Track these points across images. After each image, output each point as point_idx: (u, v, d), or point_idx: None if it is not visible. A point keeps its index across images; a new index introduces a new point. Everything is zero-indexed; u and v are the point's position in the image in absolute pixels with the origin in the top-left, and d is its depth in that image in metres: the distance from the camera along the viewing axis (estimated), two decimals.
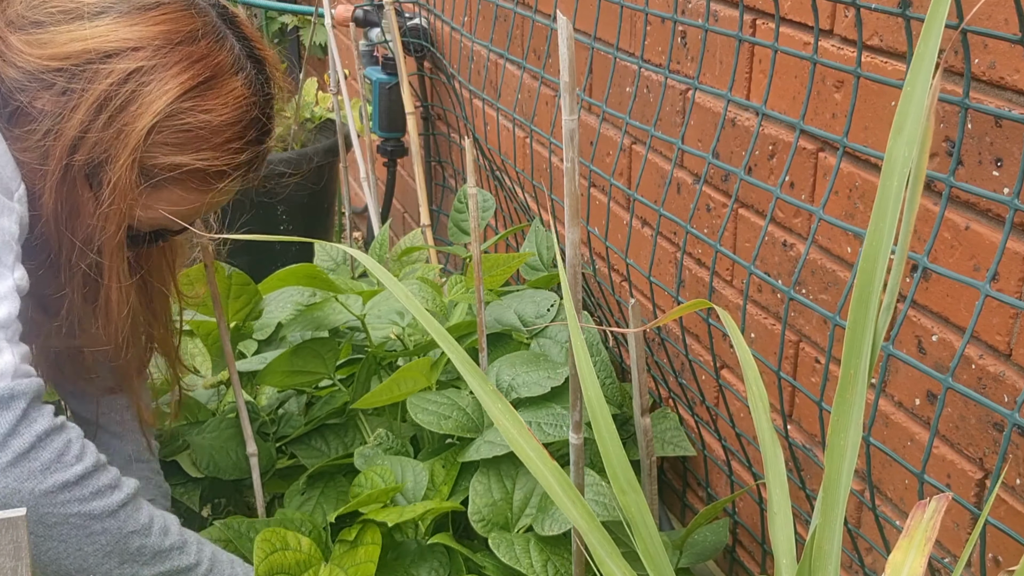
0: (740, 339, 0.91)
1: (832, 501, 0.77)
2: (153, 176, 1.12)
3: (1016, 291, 1.00)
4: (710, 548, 1.46)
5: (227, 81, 1.15)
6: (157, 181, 1.13)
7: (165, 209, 1.16)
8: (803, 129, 1.19)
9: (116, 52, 1.09)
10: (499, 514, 1.33)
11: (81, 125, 1.08)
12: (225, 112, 1.14)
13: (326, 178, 3.00)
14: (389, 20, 2.29)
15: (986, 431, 1.05)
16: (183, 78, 1.11)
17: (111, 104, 1.08)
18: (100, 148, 1.09)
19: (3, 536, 0.69)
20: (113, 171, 1.09)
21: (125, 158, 1.09)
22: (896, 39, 1.09)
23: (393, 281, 0.88)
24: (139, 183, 1.11)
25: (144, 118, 1.09)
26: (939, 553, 1.14)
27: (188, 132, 1.12)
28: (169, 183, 1.14)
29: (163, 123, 1.10)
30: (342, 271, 1.93)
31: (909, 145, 0.70)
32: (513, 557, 1.25)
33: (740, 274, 1.44)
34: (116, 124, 1.08)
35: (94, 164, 1.09)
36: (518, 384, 1.44)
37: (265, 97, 1.19)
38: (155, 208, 1.16)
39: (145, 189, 1.13)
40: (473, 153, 1.34)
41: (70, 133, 1.08)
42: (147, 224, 1.18)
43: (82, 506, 1.05)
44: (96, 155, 1.09)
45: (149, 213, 1.16)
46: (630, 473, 0.88)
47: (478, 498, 1.33)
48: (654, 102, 1.54)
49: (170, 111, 1.10)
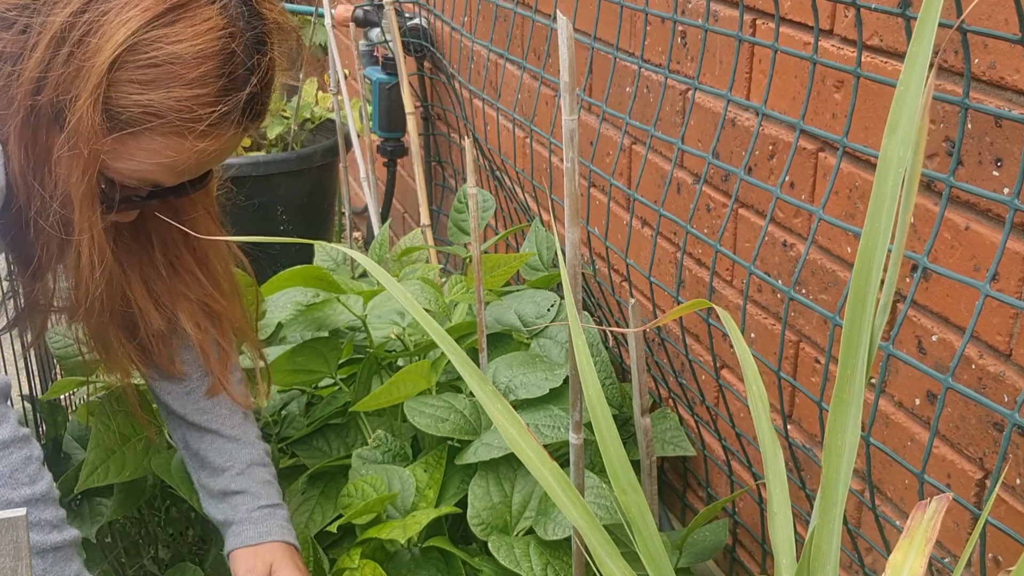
0: (740, 339, 0.91)
1: (830, 501, 0.77)
2: (121, 118, 1.03)
3: (1016, 291, 1.00)
4: (710, 548, 1.46)
5: (200, 10, 1.03)
6: (126, 124, 1.03)
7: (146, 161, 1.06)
8: (803, 129, 1.19)
9: None
10: (498, 517, 1.32)
11: (41, 64, 0.99)
12: (198, 44, 1.02)
13: (326, 178, 3.00)
14: (389, 20, 2.29)
15: (986, 431, 1.05)
16: (146, 4, 1.01)
17: (69, 37, 0.99)
18: (62, 88, 1.00)
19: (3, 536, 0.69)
20: (75, 111, 1.00)
21: (86, 97, 0.99)
22: (896, 39, 1.09)
23: (392, 282, 0.88)
24: (105, 126, 1.02)
25: (104, 52, 0.99)
26: (939, 553, 1.14)
27: (156, 67, 1.01)
28: (140, 125, 1.03)
29: (126, 57, 1.00)
30: (342, 271, 1.93)
31: (904, 144, 0.70)
32: (513, 560, 1.24)
33: (740, 274, 1.44)
34: (76, 60, 0.99)
35: (58, 107, 1.01)
36: (516, 385, 1.44)
37: (252, 30, 1.07)
38: (135, 159, 1.06)
39: (115, 134, 1.03)
40: (473, 153, 1.34)
41: (31, 73, 1.00)
42: (132, 177, 1.08)
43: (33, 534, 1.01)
44: (59, 96, 1.00)
45: (130, 164, 1.06)
46: (630, 473, 0.88)
47: (477, 501, 1.32)
48: (654, 102, 1.54)
49: (133, 43, 1.00)
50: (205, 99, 1.04)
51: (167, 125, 1.04)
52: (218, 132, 1.07)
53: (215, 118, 1.05)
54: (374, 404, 1.47)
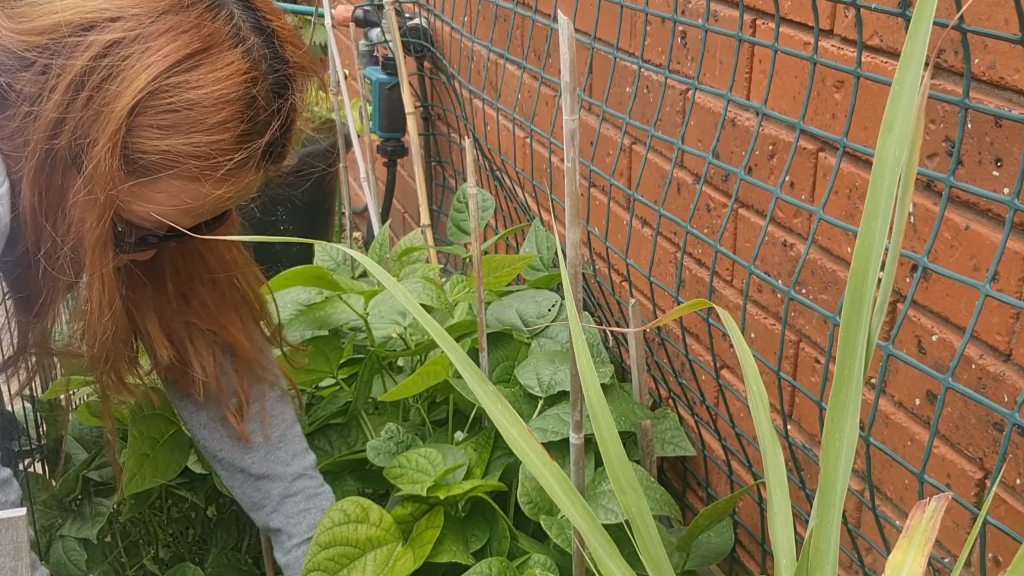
0: (740, 339, 0.91)
1: (829, 501, 0.77)
2: (139, 163, 1.01)
3: (1016, 291, 1.00)
4: (715, 551, 1.47)
5: (222, 54, 1.01)
6: (145, 169, 1.02)
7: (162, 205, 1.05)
8: (803, 129, 1.19)
9: (93, 23, 0.98)
10: (546, 499, 1.34)
11: (59, 107, 0.98)
12: (219, 89, 1.01)
13: (326, 178, 3.00)
14: (389, 20, 2.29)
15: (986, 431, 1.05)
16: (167, 51, 0.99)
17: (89, 82, 0.98)
18: (80, 132, 0.99)
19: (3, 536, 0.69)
20: (92, 156, 0.99)
21: (105, 142, 0.98)
22: (896, 39, 1.09)
23: (392, 281, 0.88)
24: (123, 171, 1.01)
25: (124, 97, 0.98)
26: (939, 553, 1.14)
27: (175, 112, 1.00)
28: (158, 171, 1.02)
29: (146, 103, 0.99)
30: (342, 271, 1.93)
31: (900, 144, 0.70)
32: (564, 539, 1.27)
33: (740, 274, 1.44)
34: (95, 104, 0.98)
35: (75, 150, 1.00)
36: (560, 379, 1.46)
37: (274, 73, 1.05)
38: (152, 202, 1.04)
39: (133, 179, 1.02)
40: (473, 153, 1.34)
41: (49, 116, 0.98)
42: (148, 220, 1.06)
43: None
44: (76, 140, 0.99)
45: (146, 207, 1.05)
46: (630, 473, 0.88)
47: (527, 481, 1.34)
48: (654, 102, 1.54)
49: (154, 88, 0.99)
50: (224, 145, 1.02)
51: (185, 171, 1.02)
52: (236, 178, 1.06)
53: (234, 164, 1.03)
54: (401, 394, 1.48)
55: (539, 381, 1.46)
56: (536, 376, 1.47)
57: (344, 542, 1.31)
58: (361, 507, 1.33)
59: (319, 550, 1.30)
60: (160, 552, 1.69)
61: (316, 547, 1.30)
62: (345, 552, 1.31)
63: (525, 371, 1.48)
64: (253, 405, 1.36)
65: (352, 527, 1.32)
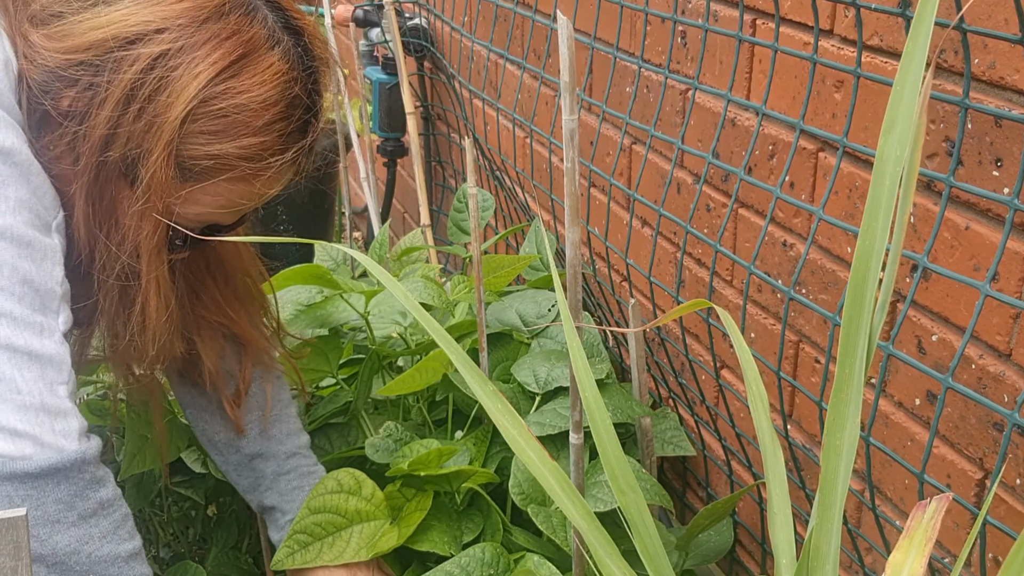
0: (740, 339, 0.91)
1: (829, 501, 0.77)
2: (192, 169, 1.04)
3: (1016, 291, 1.00)
4: (715, 550, 1.47)
5: (263, 57, 1.05)
6: (198, 175, 1.05)
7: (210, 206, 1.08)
8: (803, 129, 1.19)
9: (138, 36, 1.00)
10: (538, 490, 1.35)
11: (110, 121, 1.00)
12: (264, 91, 1.04)
13: (326, 178, 3.00)
14: (389, 20, 2.29)
15: (986, 431, 1.05)
16: (214, 58, 1.01)
17: (139, 94, 1.00)
18: (133, 143, 1.01)
19: (3, 536, 0.69)
20: (148, 167, 1.01)
21: (159, 152, 1.01)
22: (896, 39, 1.09)
23: (392, 281, 0.88)
24: (177, 178, 1.03)
25: (176, 107, 1.00)
26: (939, 553, 1.14)
27: (225, 117, 1.03)
28: (211, 175, 1.05)
29: (197, 110, 1.01)
30: (342, 271, 1.93)
31: (901, 144, 0.70)
32: (551, 528, 1.28)
33: (740, 274, 1.44)
34: (147, 116, 1.00)
35: (128, 161, 1.02)
36: (557, 376, 1.46)
37: (307, 71, 1.09)
38: (200, 204, 1.07)
39: (187, 185, 1.05)
40: (473, 153, 1.34)
41: (99, 131, 1.00)
42: (193, 221, 1.10)
43: None
44: (129, 151, 1.01)
45: (194, 209, 1.08)
46: (629, 474, 0.88)
47: (519, 472, 1.35)
48: (654, 102, 1.54)
49: (203, 96, 1.01)
50: (272, 145, 1.06)
51: (238, 173, 1.06)
52: (283, 175, 1.10)
53: (282, 163, 1.08)
54: (398, 389, 1.49)
55: (536, 378, 1.47)
56: (533, 373, 1.48)
57: (333, 510, 1.33)
58: (356, 479, 1.35)
59: (308, 514, 1.33)
60: (160, 551, 1.69)
61: (306, 510, 1.33)
62: (333, 520, 1.33)
63: (522, 369, 1.49)
64: (252, 389, 1.38)
65: (343, 497, 1.34)
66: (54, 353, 0.99)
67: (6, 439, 0.95)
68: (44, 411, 0.97)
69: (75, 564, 1.00)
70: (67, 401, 1.00)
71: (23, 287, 0.98)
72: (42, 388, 0.97)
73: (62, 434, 0.98)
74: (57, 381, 0.99)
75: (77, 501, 1.00)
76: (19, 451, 0.95)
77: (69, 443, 0.99)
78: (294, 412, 1.43)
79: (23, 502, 0.96)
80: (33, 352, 0.98)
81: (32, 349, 0.97)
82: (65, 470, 0.98)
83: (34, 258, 0.99)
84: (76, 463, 0.99)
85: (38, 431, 0.96)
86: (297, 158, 1.10)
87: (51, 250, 1.01)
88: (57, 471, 0.98)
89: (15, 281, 0.97)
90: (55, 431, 0.98)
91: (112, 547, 1.03)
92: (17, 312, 0.97)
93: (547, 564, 1.25)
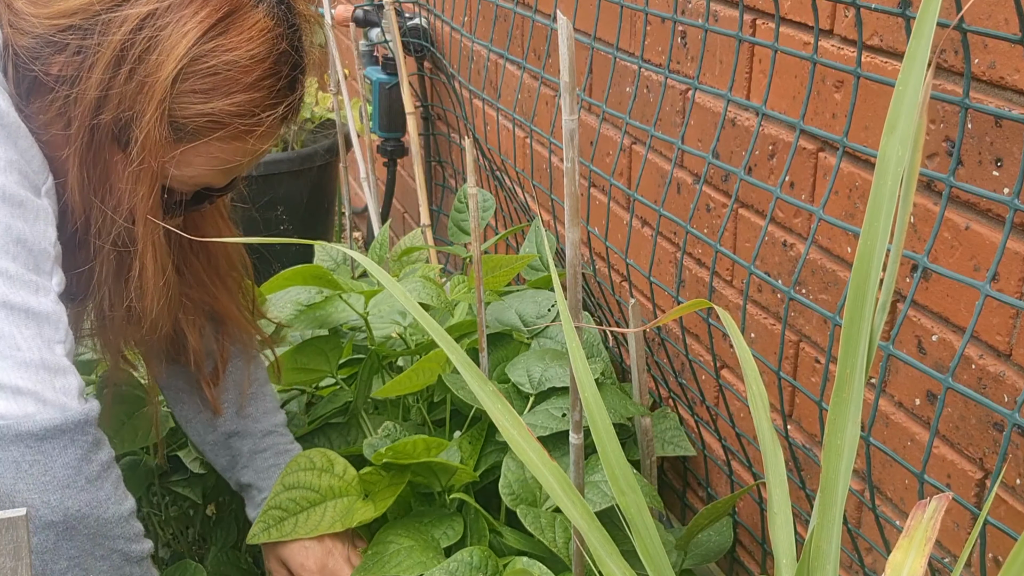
0: (740, 339, 0.91)
1: (830, 501, 0.77)
2: (185, 128, 1.05)
3: (1016, 291, 1.00)
4: (714, 549, 1.47)
5: (248, 14, 1.06)
6: (192, 134, 1.06)
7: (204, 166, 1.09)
8: (803, 129, 1.19)
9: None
10: (528, 491, 1.36)
11: (101, 84, 1.01)
12: (252, 47, 1.05)
13: (326, 178, 3.00)
14: (389, 20, 2.29)
15: (986, 431, 1.05)
16: (200, 16, 1.02)
17: (129, 55, 1.00)
18: (125, 105, 1.02)
19: (3, 536, 0.69)
20: (141, 128, 1.02)
21: (152, 112, 1.02)
22: (896, 39, 1.09)
23: (391, 281, 0.88)
24: (170, 138, 1.05)
25: (167, 66, 1.01)
26: (939, 553, 1.14)
27: (216, 75, 1.04)
28: (204, 134, 1.06)
29: (187, 69, 1.02)
30: (342, 271, 1.93)
31: (902, 144, 0.70)
32: (539, 529, 1.27)
33: (740, 274, 1.44)
34: (138, 76, 1.01)
35: (121, 124, 1.03)
36: (550, 376, 1.46)
37: (291, 28, 1.10)
38: (193, 165, 1.08)
39: (183, 146, 1.06)
40: (473, 153, 1.34)
41: (91, 95, 1.01)
42: (187, 183, 1.11)
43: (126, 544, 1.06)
44: (122, 113, 1.02)
45: (187, 171, 1.09)
46: (629, 474, 0.88)
47: (510, 473, 1.35)
48: (654, 102, 1.54)
49: (194, 55, 1.02)
50: (263, 101, 1.07)
51: (230, 131, 1.07)
52: (273, 131, 1.11)
53: (273, 118, 1.09)
54: (394, 391, 1.49)
55: (529, 378, 1.47)
56: (527, 373, 1.48)
57: (307, 486, 1.35)
58: (327, 458, 1.37)
59: (282, 489, 1.34)
60: (160, 551, 1.69)
61: (280, 486, 1.34)
62: (306, 496, 1.35)
63: (516, 369, 1.49)
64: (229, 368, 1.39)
65: (316, 474, 1.35)
66: (51, 311, 0.99)
67: (8, 398, 0.95)
68: (44, 368, 0.97)
69: (84, 528, 1.01)
70: (65, 359, 1.00)
71: (17, 246, 0.98)
72: (40, 345, 0.97)
73: (63, 391, 0.98)
74: (55, 339, 0.99)
75: (83, 464, 1.00)
76: (22, 410, 0.95)
77: (71, 401, 0.99)
78: (271, 391, 1.44)
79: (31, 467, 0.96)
80: (30, 310, 0.98)
81: (29, 307, 0.98)
82: (70, 431, 0.98)
83: (27, 218, 0.99)
84: (79, 423, 0.99)
85: (39, 388, 0.96)
86: (287, 114, 1.12)
87: (43, 211, 1.01)
88: (62, 432, 0.98)
89: (9, 240, 0.97)
90: (56, 388, 0.98)
91: (116, 508, 1.04)
92: (12, 270, 0.97)
93: (538, 564, 1.25)
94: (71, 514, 0.99)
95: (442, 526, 1.36)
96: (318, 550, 1.35)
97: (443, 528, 1.36)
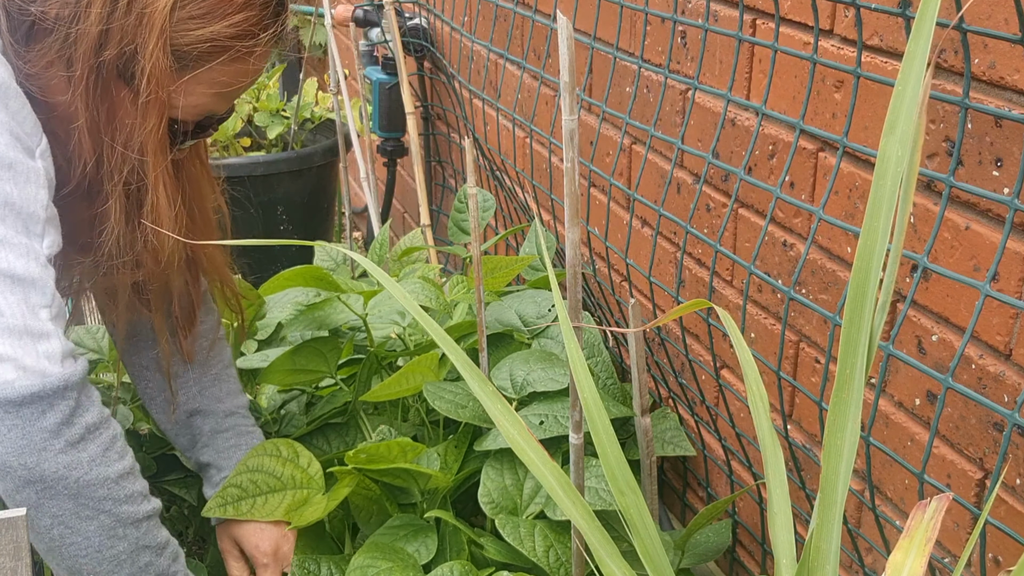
0: (740, 339, 0.91)
1: (830, 501, 0.77)
2: (188, 56, 1.07)
3: (1016, 291, 1.00)
4: (713, 549, 1.46)
5: None
6: (196, 61, 1.08)
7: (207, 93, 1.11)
8: (803, 129, 1.19)
9: None
10: (508, 499, 1.35)
11: (100, 19, 1.02)
12: None
13: (326, 178, 3.00)
14: (389, 20, 2.29)
15: (986, 431, 1.05)
16: None
17: None
18: (127, 39, 1.04)
19: (3, 536, 0.69)
20: (145, 60, 1.04)
21: (154, 43, 1.03)
22: (896, 39, 1.09)
23: (391, 282, 0.88)
24: (174, 67, 1.07)
25: None
26: (939, 553, 1.14)
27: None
28: (207, 60, 1.08)
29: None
30: (342, 271, 1.93)
31: (902, 144, 0.70)
32: (517, 539, 1.27)
33: (740, 274, 1.44)
34: (136, 8, 1.03)
35: (124, 59, 1.04)
36: (533, 380, 1.45)
37: None
38: (197, 93, 1.10)
39: (182, 72, 1.08)
40: (473, 153, 1.34)
41: (91, 31, 1.03)
42: (192, 112, 1.13)
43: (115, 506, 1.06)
44: (124, 48, 1.04)
45: (192, 99, 1.11)
46: (629, 474, 0.88)
47: (489, 481, 1.35)
48: (654, 102, 1.54)
49: None
50: (258, 18, 1.10)
51: (232, 54, 1.09)
52: (268, 51, 1.13)
53: (269, 36, 1.11)
54: (383, 395, 1.48)
55: (512, 382, 1.46)
56: (509, 377, 1.47)
57: (269, 472, 1.35)
58: (293, 449, 1.38)
59: (244, 470, 1.35)
60: None
61: (243, 466, 1.35)
62: (267, 480, 1.35)
63: (500, 372, 1.48)
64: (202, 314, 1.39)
65: (280, 461, 1.36)
66: (37, 276, 1.00)
67: None
68: (27, 334, 0.98)
69: (63, 489, 1.02)
70: (49, 324, 1.00)
71: (3, 209, 0.99)
72: (25, 311, 0.98)
73: (45, 356, 0.99)
74: (40, 304, 1.00)
75: (63, 428, 1.00)
76: (2, 376, 0.96)
77: (52, 366, 0.99)
78: (234, 374, 1.45)
79: (9, 431, 0.97)
80: (16, 275, 0.98)
81: (15, 271, 0.98)
82: (49, 397, 0.99)
83: (16, 180, 1.00)
84: (59, 389, 1.00)
85: (20, 354, 0.97)
86: (281, 31, 1.14)
87: (35, 173, 1.02)
88: (41, 398, 0.98)
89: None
90: (38, 353, 0.99)
91: (100, 470, 1.04)
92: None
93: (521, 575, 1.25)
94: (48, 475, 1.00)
95: (415, 541, 1.35)
96: (274, 532, 1.35)
97: (417, 544, 1.35)
